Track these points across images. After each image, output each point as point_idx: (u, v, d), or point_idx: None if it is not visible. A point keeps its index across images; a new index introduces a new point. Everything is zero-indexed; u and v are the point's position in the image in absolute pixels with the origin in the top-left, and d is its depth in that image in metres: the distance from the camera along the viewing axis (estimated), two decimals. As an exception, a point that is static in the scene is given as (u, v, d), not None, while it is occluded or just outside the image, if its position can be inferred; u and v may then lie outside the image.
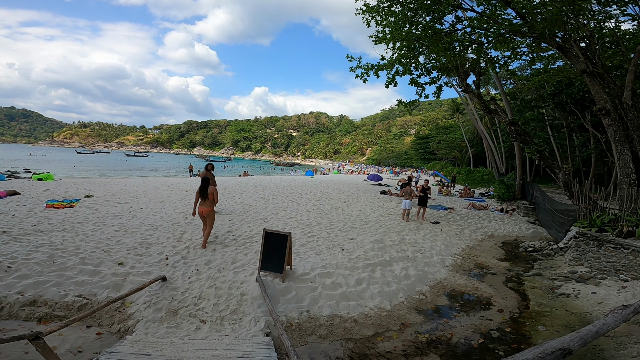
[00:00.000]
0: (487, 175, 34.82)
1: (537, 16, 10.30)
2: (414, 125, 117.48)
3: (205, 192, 6.96)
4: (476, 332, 4.68)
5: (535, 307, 5.56)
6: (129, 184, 17.61)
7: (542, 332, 4.71)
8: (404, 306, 5.31)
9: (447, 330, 4.70)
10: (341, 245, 7.92)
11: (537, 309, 5.47)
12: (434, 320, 5.03)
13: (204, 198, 7.00)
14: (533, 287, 6.50)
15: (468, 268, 7.49)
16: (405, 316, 5.04)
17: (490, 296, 5.94)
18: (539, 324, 4.92)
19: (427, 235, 9.84)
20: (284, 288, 5.21)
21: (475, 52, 12.59)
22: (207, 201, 7.01)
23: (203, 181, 7.05)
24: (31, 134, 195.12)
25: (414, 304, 5.45)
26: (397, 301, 5.41)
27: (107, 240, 6.95)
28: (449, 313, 5.30)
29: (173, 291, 4.89)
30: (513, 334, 4.66)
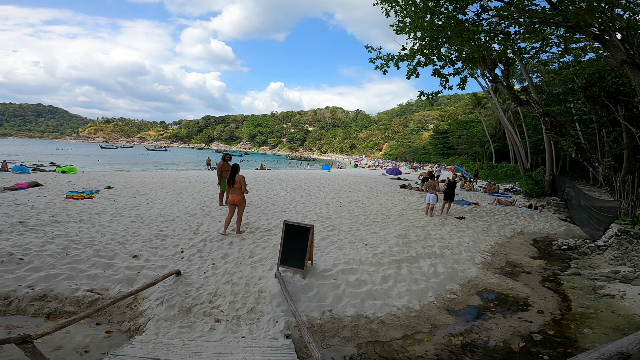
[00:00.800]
0: (511, 170, 33.59)
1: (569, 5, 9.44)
2: (432, 120, 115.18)
3: (234, 179, 6.93)
4: (515, 334, 4.31)
5: (578, 308, 5.19)
6: (148, 177, 17.71)
7: (589, 335, 4.36)
8: (434, 306, 4.93)
9: (483, 333, 4.33)
10: (364, 240, 7.48)
11: (581, 311, 5.10)
12: (468, 322, 4.65)
13: (232, 184, 6.98)
14: (573, 287, 6.10)
15: (499, 266, 7.09)
16: (436, 317, 4.65)
17: (527, 296, 5.55)
18: (584, 327, 4.57)
19: (454, 231, 9.36)
20: (305, 285, 4.84)
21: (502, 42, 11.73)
22: (236, 189, 6.98)
23: (233, 168, 7.08)
24: (58, 129, 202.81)
25: (444, 303, 5.08)
26: (427, 300, 5.04)
27: (123, 231, 6.77)
28: (483, 314, 4.89)
29: (187, 287, 4.59)
30: (557, 336, 4.29)
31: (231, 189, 7.03)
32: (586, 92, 20.05)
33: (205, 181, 16.16)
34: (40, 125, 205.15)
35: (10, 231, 6.21)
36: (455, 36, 10.73)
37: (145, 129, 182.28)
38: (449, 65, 12.98)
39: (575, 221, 13.02)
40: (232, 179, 6.97)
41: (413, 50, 11.81)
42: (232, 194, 7.02)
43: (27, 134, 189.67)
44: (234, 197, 7.00)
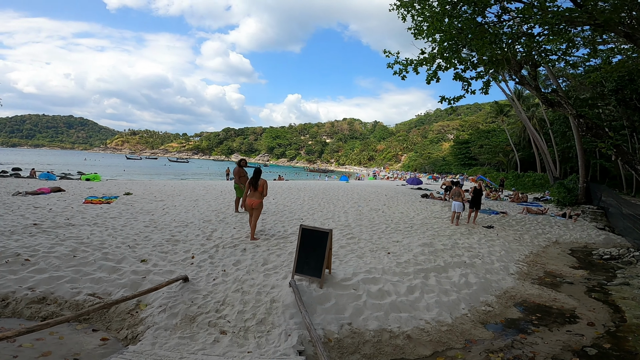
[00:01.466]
0: (539, 179, 32.14)
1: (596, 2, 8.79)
2: (452, 131, 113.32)
3: (257, 183, 6.86)
4: (566, 349, 3.88)
5: (634, 319, 4.78)
6: (168, 185, 17.83)
7: (651, 347, 3.85)
8: (467, 319, 4.43)
9: (527, 348, 3.86)
10: (386, 248, 6.96)
11: (637, 322, 4.70)
12: (508, 336, 4.14)
13: (254, 189, 6.88)
14: (624, 298, 5.67)
15: (537, 276, 6.58)
16: (471, 331, 4.16)
17: (574, 308, 5.08)
18: (644, 339, 4.11)
19: (483, 240, 8.80)
20: (322, 295, 4.37)
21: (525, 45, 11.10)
22: (257, 193, 6.89)
23: (256, 172, 7.02)
24: (87, 141, 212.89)
25: (479, 316, 4.58)
26: (459, 313, 4.55)
27: (134, 235, 6.55)
28: (525, 327, 4.41)
29: (194, 294, 4.23)
30: (615, 350, 3.89)
31: (252, 192, 6.92)
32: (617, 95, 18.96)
33: (222, 189, 16.06)
34: (72, 137, 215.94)
35: (22, 232, 6.10)
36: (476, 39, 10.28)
37: (168, 140, 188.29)
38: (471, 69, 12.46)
39: (616, 230, 12.40)
40: (255, 182, 6.87)
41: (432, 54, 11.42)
42: (251, 198, 6.89)
43: (59, 144, 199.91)
44: (252, 201, 6.86)
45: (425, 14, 11.34)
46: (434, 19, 10.92)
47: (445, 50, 11.32)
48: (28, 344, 3.19)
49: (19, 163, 44.14)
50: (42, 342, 3.26)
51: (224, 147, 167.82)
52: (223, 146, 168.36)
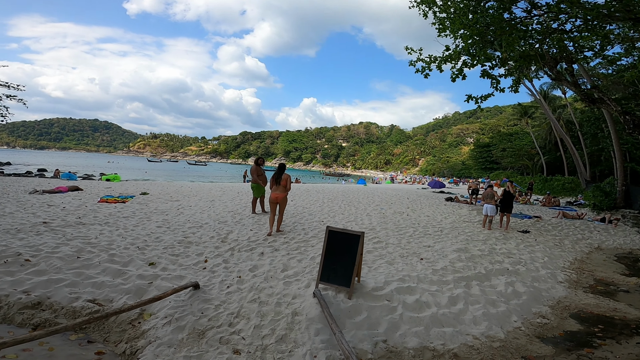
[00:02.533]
0: (569, 183, 30.50)
1: None
2: (472, 134, 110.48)
3: (280, 177, 7.07)
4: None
5: None
6: (185, 186, 17.63)
7: None
8: (521, 333, 3.81)
9: None
10: (417, 254, 6.26)
11: None
12: (571, 351, 3.57)
13: (277, 183, 7.08)
14: None
15: (588, 284, 5.89)
16: (527, 347, 3.55)
17: (639, 318, 4.43)
18: None
19: (521, 245, 8.06)
20: (351, 307, 3.75)
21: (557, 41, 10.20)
22: (281, 187, 7.08)
23: (279, 167, 7.28)
24: (111, 144, 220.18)
25: (534, 330, 3.96)
26: (511, 326, 3.94)
27: (145, 236, 6.11)
28: (589, 340, 3.83)
29: (204, 303, 3.68)
30: None
31: (275, 187, 7.09)
32: None
33: (239, 191, 15.68)
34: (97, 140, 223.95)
35: (29, 231, 5.77)
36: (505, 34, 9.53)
37: (187, 144, 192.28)
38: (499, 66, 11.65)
39: None
40: (278, 176, 7.10)
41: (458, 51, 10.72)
42: (275, 192, 7.05)
43: (85, 147, 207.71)
44: (277, 195, 7.03)
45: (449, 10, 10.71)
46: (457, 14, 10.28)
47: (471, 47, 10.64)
48: (12, 355, 2.73)
49: (46, 164, 45.62)
50: (28, 354, 2.80)
51: (241, 150, 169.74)
52: (240, 150, 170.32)
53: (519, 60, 10.98)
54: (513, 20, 10.20)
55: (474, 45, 10.56)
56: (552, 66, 12.70)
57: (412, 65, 11.26)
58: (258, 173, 8.95)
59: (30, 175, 22.59)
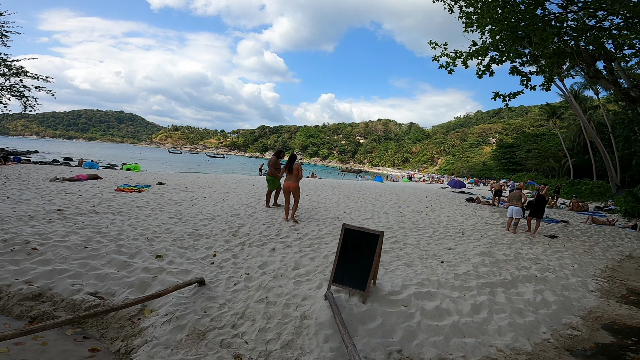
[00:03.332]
0: (598, 187, 29.08)
1: None
2: (494, 134, 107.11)
3: (292, 167, 7.42)
4: None
5: None
6: (202, 177, 17.70)
7: None
8: (550, 346, 3.52)
9: None
10: (437, 256, 5.87)
11: None
12: None
13: (289, 172, 7.43)
14: None
15: (620, 294, 5.52)
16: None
17: None
18: None
19: (549, 251, 7.62)
20: (365, 313, 3.45)
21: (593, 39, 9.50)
22: (293, 176, 7.41)
23: (290, 157, 7.65)
24: (135, 135, 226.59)
25: (564, 342, 3.66)
26: (539, 338, 3.64)
27: (156, 227, 5.99)
28: (622, 354, 3.56)
29: (208, 301, 3.46)
30: None
31: (288, 176, 7.46)
32: None
33: (254, 183, 15.58)
34: (121, 131, 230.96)
35: (42, 218, 5.75)
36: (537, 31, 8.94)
37: (207, 137, 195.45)
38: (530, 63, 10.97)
39: None
40: (290, 165, 7.43)
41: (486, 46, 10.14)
42: (288, 181, 7.42)
43: (110, 138, 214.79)
44: (289, 184, 7.38)
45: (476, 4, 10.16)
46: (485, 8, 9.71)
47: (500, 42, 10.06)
48: (3, 349, 2.60)
49: (72, 154, 47.30)
50: (20, 348, 2.66)
51: (259, 144, 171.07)
52: (258, 143, 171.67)
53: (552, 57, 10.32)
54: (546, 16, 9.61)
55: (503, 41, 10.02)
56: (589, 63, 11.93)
57: (436, 60, 10.86)
58: (276, 166, 8.74)
59: (56, 164, 23.32)
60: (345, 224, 3.84)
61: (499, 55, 10.27)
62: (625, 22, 8.91)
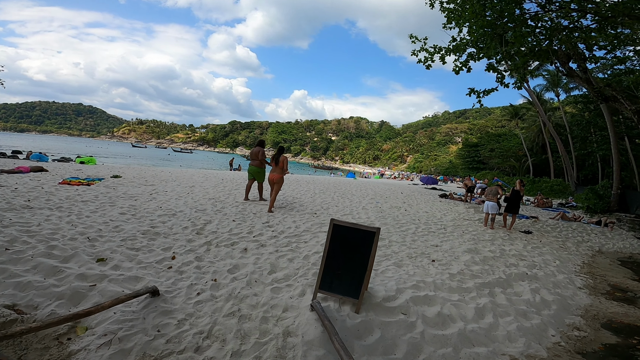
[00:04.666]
0: (557, 185, 30.60)
1: None
2: (460, 133, 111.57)
3: (278, 158, 7.52)
4: None
5: None
6: (165, 171, 16.35)
7: None
8: (562, 350, 3.22)
9: None
10: (426, 254, 5.42)
11: None
12: None
13: (276, 164, 7.52)
14: None
15: (605, 290, 5.49)
16: None
17: None
18: None
19: (529, 247, 7.53)
20: (360, 325, 2.86)
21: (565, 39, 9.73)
22: (278, 168, 7.50)
23: (279, 149, 7.76)
24: (95, 128, 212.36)
25: (574, 344, 3.38)
26: (550, 342, 3.32)
27: (102, 224, 5.03)
28: (632, 355, 3.39)
29: (164, 317, 2.71)
30: None
31: (273, 167, 7.55)
32: None
33: (224, 177, 14.57)
34: (79, 124, 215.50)
35: (-47, 214, 4.62)
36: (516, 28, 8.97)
37: (174, 131, 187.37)
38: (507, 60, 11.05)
39: None
40: (277, 157, 7.54)
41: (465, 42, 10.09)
42: (273, 173, 7.51)
43: (67, 131, 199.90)
44: (273, 175, 7.47)
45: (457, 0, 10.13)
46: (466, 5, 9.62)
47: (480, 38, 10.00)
48: None
49: (23, 147, 43.01)
50: None
51: (229, 139, 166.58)
52: (228, 139, 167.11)
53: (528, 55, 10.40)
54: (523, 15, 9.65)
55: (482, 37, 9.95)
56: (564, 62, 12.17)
57: (415, 55, 10.72)
58: (264, 156, 8.25)
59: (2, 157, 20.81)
60: (333, 219, 3.21)
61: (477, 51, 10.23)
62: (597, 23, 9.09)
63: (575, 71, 11.75)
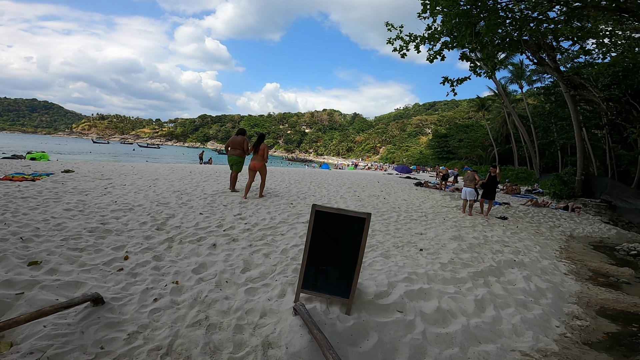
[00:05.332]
0: (522, 172, 31.90)
1: None
2: (430, 125, 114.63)
3: (258, 147, 7.49)
4: None
5: None
6: (127, 165, 15.12)
7: None
8: (569, 341, 3.00)
9: None
10: (413, 243, 5.11)
11: None
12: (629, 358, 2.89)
13: (256, 152, 7.49)
14: None
15: (588, 276, 5.48)
16: (582, 357, 2.75)
17: None
18: None
19: (508, 233, 7.47)
20: (353, 328, 2.43)
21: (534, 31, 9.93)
22: (259, 156, 7.50)
23: (259, 137, 7.74)
24: (51, 125, 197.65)
25: (579, 335, 3.19)
26: (556, 333, 3.11)
27: (42, 222, 4.25)
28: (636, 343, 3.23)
29: (109, 330, 2.15)
30: None
31: (254, 156, 7.53)
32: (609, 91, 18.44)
33: (192, 170, 13.65)
34: (34, 120, 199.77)
35: None
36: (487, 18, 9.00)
37: (140, 126, 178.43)
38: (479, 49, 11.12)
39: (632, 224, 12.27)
40: (257, 145, 7.51)
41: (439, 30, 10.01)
42: (254, 161, 7.50)
43: (20, 128, 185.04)
44: (255, 164, 7.48)
45: None
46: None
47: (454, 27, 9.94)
48: None
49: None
50: None
51: (200, 134, 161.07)
52: (199, 133, 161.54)
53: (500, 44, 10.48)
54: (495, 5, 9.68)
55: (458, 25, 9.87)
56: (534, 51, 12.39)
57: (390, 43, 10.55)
58: (244, 145, 7.93)
59: None
60: (315, 205, 2.73)
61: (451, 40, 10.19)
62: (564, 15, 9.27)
63: (545, 60, 11.97)
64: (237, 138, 8.02)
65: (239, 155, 7.93)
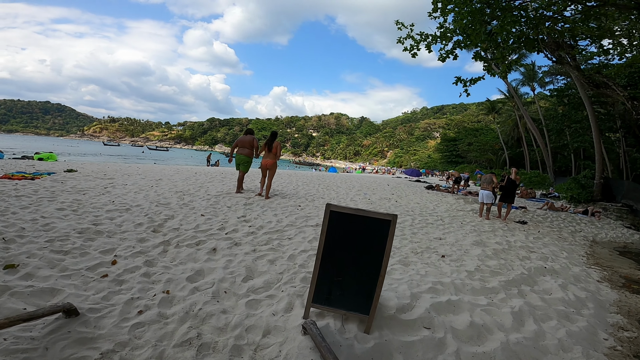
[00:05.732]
0: (535, 176, 31.09)
1: None
2: (438, 129, 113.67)
3: (272, 144, 7.36)
4: None
5: None
6: (133, 166, 14.94)
7: None
8: (620, 354, 2.66)
9: None
10: (433, 249, 4.66)
11: None
12: None
13: (269, 150, 7.37)
14: None
15: (621, 283, 4.95)
16: None
17: None
18: None
19: (530, 237, 6.95)
20: (374, 351, 2.02)
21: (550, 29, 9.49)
22: (271, 154, 7.36)
23: (271, 135, 7.53)
24: (64, 127, 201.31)
25: (629, 347, 2.81)
26: (605, 347, 2.73)
27: (29, 222, 3.91)
28: None
29: (79, 347, 1.76)
30: None
31: (266, 153, 7.38)
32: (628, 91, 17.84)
33: (197, 171, 13.37)
34: (47, 123, 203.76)
35: None
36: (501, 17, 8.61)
37: (149, 129, 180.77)
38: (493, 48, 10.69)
39: None
40: (270, 143, 7.36)
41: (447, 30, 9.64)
42: (266, 158, 7.37)
43: (33, 130, 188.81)
44: (266, 161, 7.35)
45: None
46: None
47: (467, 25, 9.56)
48: None
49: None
50: None
51: (208, 137, 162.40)
52: (207, 136, 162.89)
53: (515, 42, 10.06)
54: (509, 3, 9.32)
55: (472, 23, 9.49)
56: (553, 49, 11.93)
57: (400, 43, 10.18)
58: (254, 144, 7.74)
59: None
60: (330, 205, 2.32)
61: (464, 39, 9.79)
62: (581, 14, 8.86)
63: (566, 58, 11.46)
64: (245, 137, 7.82)
65: (247, 154, 7.68)
